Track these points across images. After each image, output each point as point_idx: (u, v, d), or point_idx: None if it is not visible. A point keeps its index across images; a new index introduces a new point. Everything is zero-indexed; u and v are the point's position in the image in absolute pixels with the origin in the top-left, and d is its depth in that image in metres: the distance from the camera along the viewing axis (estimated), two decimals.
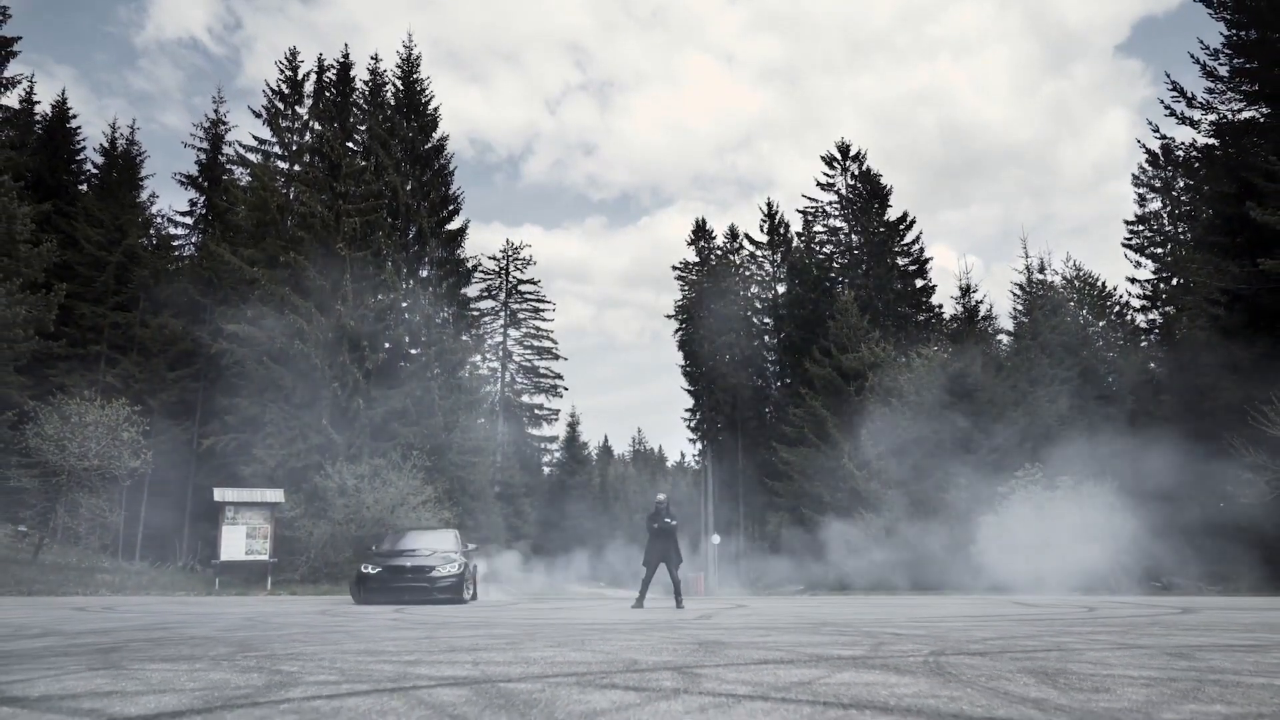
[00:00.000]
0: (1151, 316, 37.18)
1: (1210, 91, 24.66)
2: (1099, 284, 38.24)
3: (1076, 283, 37.88)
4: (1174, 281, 34.40)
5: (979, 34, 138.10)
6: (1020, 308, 37.13)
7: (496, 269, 55.17)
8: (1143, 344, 36.15)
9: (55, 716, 1.96)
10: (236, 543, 22.05)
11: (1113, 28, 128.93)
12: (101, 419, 21.03)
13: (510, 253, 55.84)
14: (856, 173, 48.92)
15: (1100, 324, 36.91)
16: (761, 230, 52.93)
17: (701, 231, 55.25)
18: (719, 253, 54.85)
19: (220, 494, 22.48)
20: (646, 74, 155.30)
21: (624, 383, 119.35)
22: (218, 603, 13.35)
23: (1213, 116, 24.53)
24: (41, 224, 25.95)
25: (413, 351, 32.08)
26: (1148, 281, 36.37)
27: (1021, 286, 37.11)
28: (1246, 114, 23.84)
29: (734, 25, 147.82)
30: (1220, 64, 24.43)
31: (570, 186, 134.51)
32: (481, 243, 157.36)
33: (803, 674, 2.76)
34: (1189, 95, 25.39)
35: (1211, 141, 24.98)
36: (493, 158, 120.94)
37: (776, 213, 53.03)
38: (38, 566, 20.48)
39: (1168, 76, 30.88)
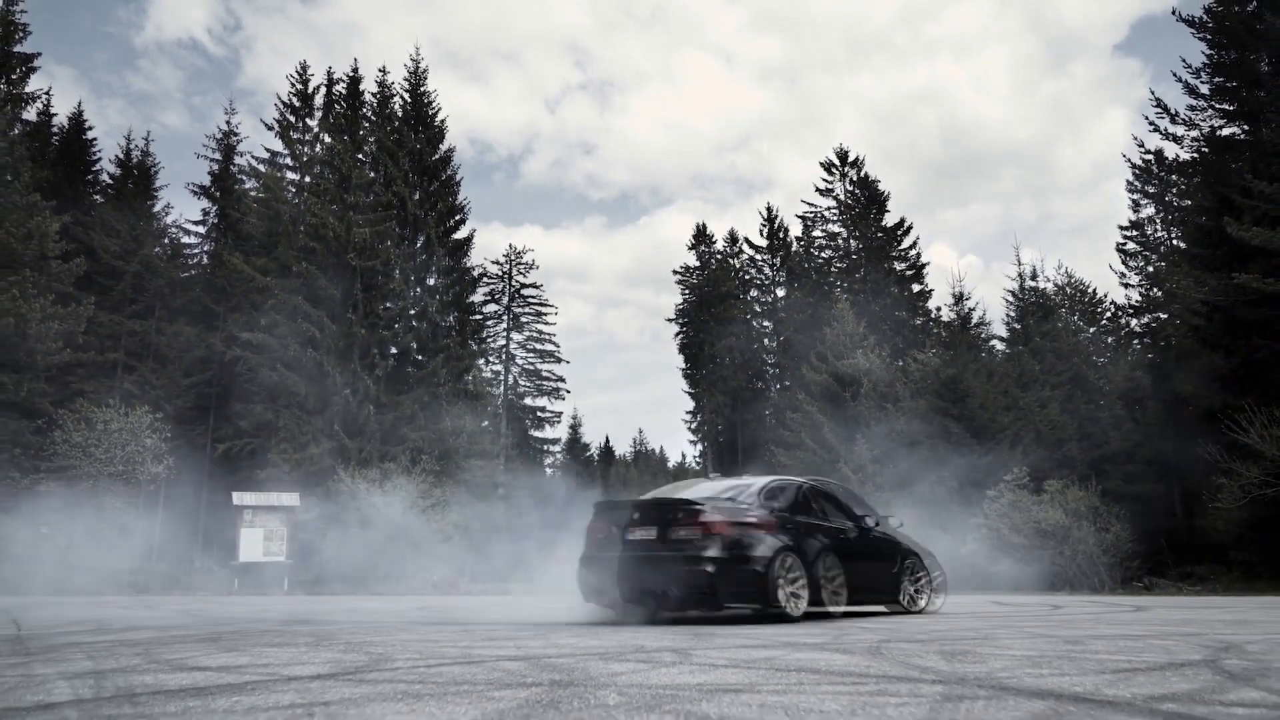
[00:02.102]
0: (1145, 320, 37.99)
1: (1192, 109, 25.55)
2: (1090, 291, 39.13)
3: (1068, 289, 38.79)
4: (1167, 286, 35.21)
5: (978, 33, 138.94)
6: (1013, 314, 38.07)
7: (500, 273, 56.03)
8: (1135, 346, 37.00)
9: (251, 675, 2.85)
10: (254, 545, 22.95)
11: (1112, 27, 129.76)
12: (125, 426, 21.96)
13: (513, 257, 56.71)
14: (855, 178, 49.86)
15: (1091, 330, 37.80)
16: (761, 234, 53.88)
17: (702, 236, 56.19)
18: (719, 257, 55.81)
19: (239, 498, 23.40)
20: (646, 73, 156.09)
21: (624, 382, 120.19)
22: (247, 603, 14.23)
23: (1194, 133, 25.42)
24: (61, 234, 26.91)
25: (420, 358, 32.99)
26: (1137, 287, 37.20)
27: (1014, 293, 38.03)
28: (1226, 131, 24.72)
29: (733, 25, 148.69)
30: (1202, 82, 25.32)
31: (570, 186, 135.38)
32: (482, 242, 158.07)
33: (770, 653, 3.65)
34: (1172, 112, 26.29)
35: (1193, 157, 25.88)
36: (492, 157, 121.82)
37: (776, 217, 54.00)
38: (66, 567, 21.38)
39: (1152, 94, 31.82)
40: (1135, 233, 38.51)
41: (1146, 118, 27.42)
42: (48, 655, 3.73)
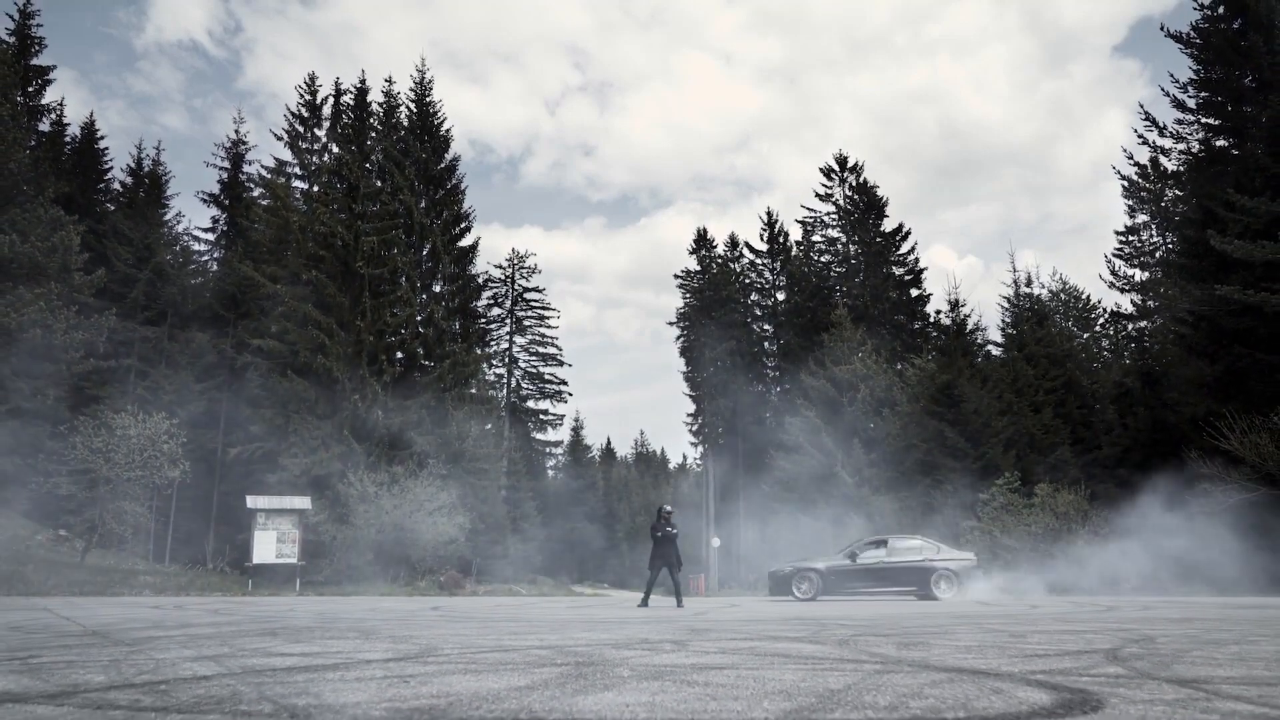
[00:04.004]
0: (1142, 324, 38.68)
1: (1180, 123, 26.27)
2: (1084, 297, 39.83)
3: (1062, 296, 39.49)
4: (1163, 291, 35.88)
5: (978, 33, 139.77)
6: (1008, 320, 38.75)
7: (503, 277, 56.78)
8: (1130, 350, 37.66)
9: (333, 659, 3.54)
10: (268, 546, 23.66)
11: (1111, 28, 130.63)
12: (144, 431, 22.67)
13: (516, 261, 57.46)
14: (854, 184, 50.63)
15: (1084, 336, 38.48)
16: (761, 239, 54.66)
17: (703, 241, 56.92)
18: (720, 261, 56.53)
19: (252, 501, 24.12)
20: (645, 74, 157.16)
21: (625, 383, 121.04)
22: (268, 603, 14.93)
23: (1182, 146, 26.14)
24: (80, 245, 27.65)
25: (427, 364, 33.71)
26: (1128, 294, 37.88)
27: (1009, 299, 38.71)
28: (1212, 144, 25.41)
29: (733, 25, 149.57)
30: (1189, 96, 26.03)
31: (570, 187, 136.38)
32: (483, 244, 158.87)
33: (754, 644, 4.35)
34: (1160, 125, 27.01)
35: (1180, 169, 26.58)
36: (492, 159, 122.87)
37: (776, 222, 54.78)
38: (86, 569, 22.09)
39: (1141, 107, 32.54)
40: (1132, 238, 39.20)
41: (1136, 131, 28.12)
42: (148, 645, 4.43)
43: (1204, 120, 25.49)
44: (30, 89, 31.07)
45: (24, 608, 11.08)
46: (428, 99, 37.64)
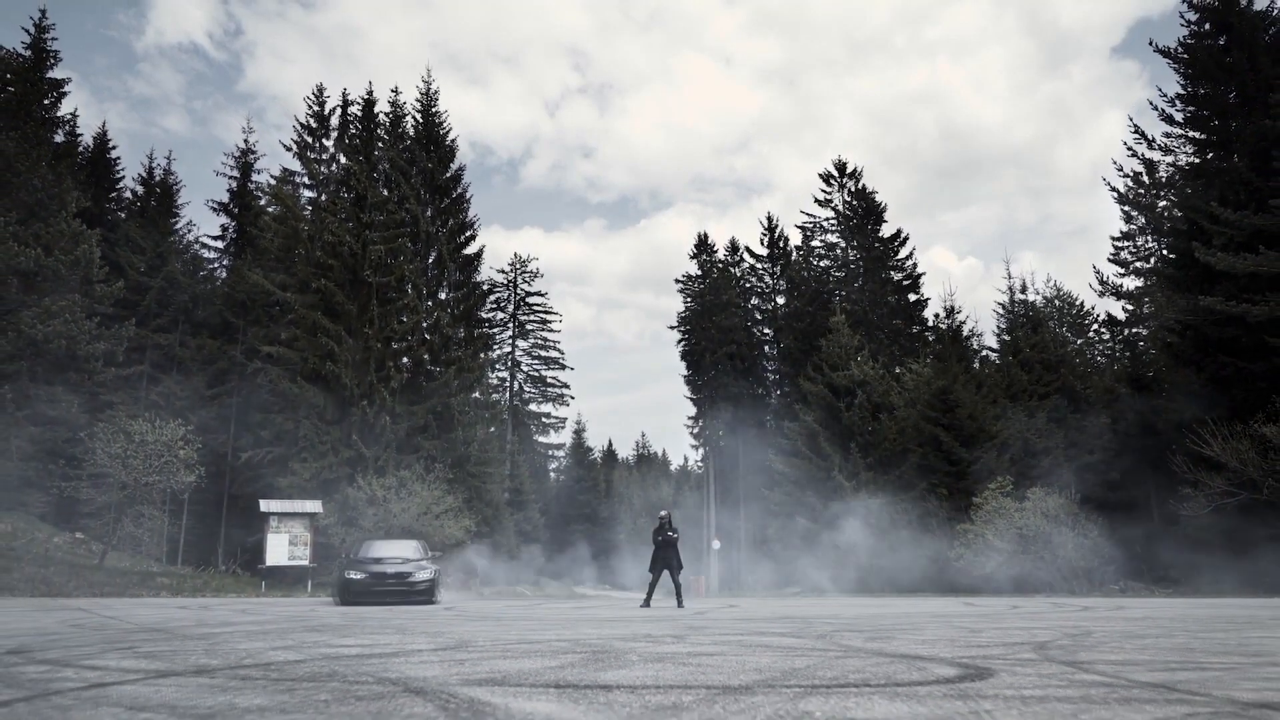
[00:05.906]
0: (1137, 330, 39.24)
1: (1169, 136, 26.95)
2: (1078, 303, 40.49)
3: (1057, 302, 40.17)
4: (1154, 298, 36.44)
5: (977, 34, 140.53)
6: (1003, 325, 39.45)
7: (505, 282, 57.50)
8: (1125, 358, 38.27)
9: (389, 649, 4.23)
10: (280, 549, 24.36)
11: (1109, 29, 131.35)
12: (160, 438, 23.37)
13: (518, 266, 58.21)
14: (853, 189, 51.33)
15: (1078, 342, 39.16)
16: (761, 244, 55.41)
17: (703, 246, 57.65)
18: (720, 266, 57.26)
19: (265, 505, 24.82)
20: (645, 76, 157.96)
21: (626, 385, 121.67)
22: (288, 603, 15.64)
23: (1170, 159, 26.83)
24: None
25: (433, 369, 34.42)
26: (1120, 302, 38.48)
27: (1004, 306, 39.41)
28: (1198, 159, 26.09)
29: (732, 26, 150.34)
30: (1177, 110, 26.71)
31: (570, 189, 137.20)
32: (485, 248, 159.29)
33: (744, 638, 5.04)
34: (1150, 138, 27.69)
35: (1169, 179, 27.25)
36: (492, 160, 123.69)
37: (776, 226, 55.53)
38: (105, 571, 22.78)
39: (1130, 120, 33.28)
40: (1127, 243, 39.77)
41: (1126, 144, 28.83)
42: (219, 639, 5.13)
43: (1191, 135, 26.18)
44: (46, 102, 31.79)
45: (60, 608, 11.76)
46: (433, 109, 38.39)
